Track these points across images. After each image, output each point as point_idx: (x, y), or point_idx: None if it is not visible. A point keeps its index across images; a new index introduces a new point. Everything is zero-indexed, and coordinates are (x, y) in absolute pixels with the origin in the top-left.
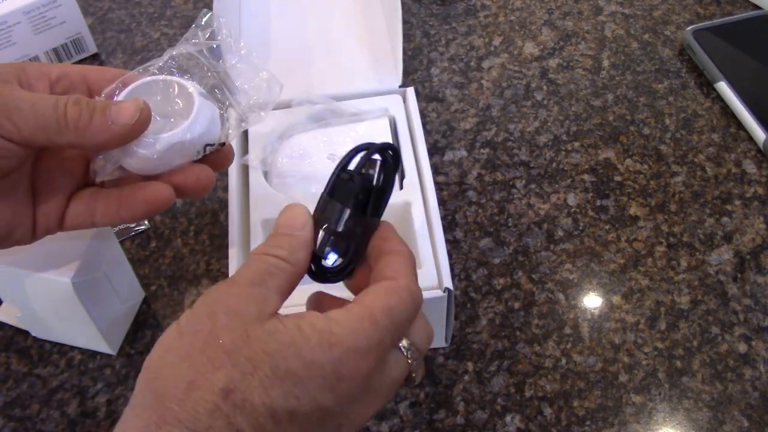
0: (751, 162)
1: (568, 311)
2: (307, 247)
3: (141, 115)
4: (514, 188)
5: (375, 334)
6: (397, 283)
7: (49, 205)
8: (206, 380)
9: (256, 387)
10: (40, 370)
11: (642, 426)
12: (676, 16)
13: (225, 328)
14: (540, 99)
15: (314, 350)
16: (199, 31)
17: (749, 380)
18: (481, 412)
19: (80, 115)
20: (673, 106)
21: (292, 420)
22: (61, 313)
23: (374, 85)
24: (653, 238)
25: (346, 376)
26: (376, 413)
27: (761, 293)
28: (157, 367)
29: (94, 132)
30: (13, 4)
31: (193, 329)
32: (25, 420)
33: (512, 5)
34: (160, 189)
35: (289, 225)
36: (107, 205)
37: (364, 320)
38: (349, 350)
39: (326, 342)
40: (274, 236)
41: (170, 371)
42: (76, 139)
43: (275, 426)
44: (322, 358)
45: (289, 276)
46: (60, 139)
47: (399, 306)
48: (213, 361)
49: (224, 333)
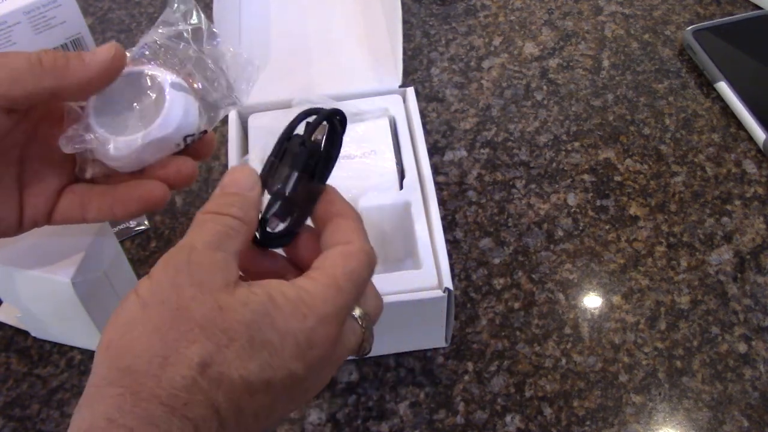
0: (751, 162)
1: (568, 311)
2: (257, 207)
3: (116, 52)
4: (514, 188)
5: (340, 300)
6: (353, 246)
7: (37, 197)
8: (181, 355)
9: (233, 359)
10: (40, 370)
11: (642, 426)
12: (676, 16)
13: (194, 300)
14: (540, 99)
15: (288, 320)
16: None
17: (749, 380)
18: (481, 412)
19: (55, 59)
20: (673, 106)
21: (267, 390)
22: (61, 313)
23: (374, 85)
24: (653, 238)
25: (318, 343)
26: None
27: (761, 293)
28: (124, 342)
29: (74, 71)
30: (13, 4)
31: (158, 300)
32: (25, 420)
33: (512, 5)
34: (154, 187)
35: (237, 184)
36: (101, 202)
37: (330, 287)
38: (320, 318)
39: (299, 311)
40: (222, 195)
41: (140, 346)
42: (55, 82)
43: (250, 397)
44: (295, 328)
45: (245, 237)
46: (38, 86)
47: (359, 269)
48: (186, 335)
49: (194, 305)
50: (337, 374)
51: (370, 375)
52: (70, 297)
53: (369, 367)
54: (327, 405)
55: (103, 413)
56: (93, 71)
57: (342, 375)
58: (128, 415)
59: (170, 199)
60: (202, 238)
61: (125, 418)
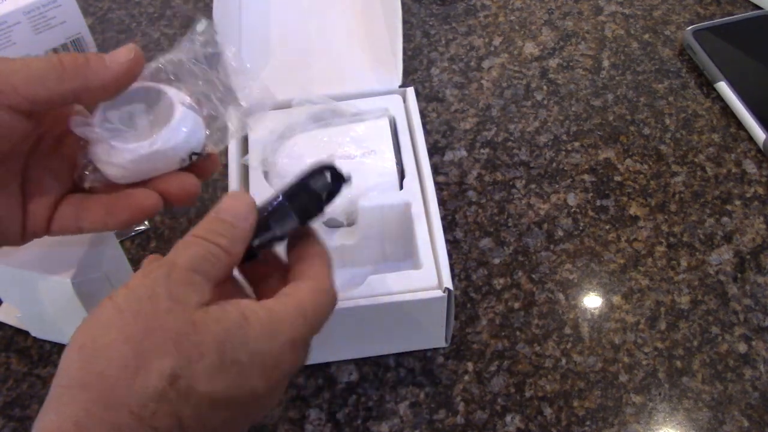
0: (751, 162)
1: (568, 311)
2: (246, 241)
3: (135, 54)
4: (514, 188)
5: (305, 330)
6: (323, 284)
7: (38, 207)
8: (153, 366)
9: (202, 375)
10: (40, 370)
11: (642, 426)
12: (676, 16)
13: (169, 313)
14: (540, 99)
15: (258, 340)
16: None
17: (749, 380)
18: (481, 412)
19: (75, 59)
20: (673, 106)
21: (229, 406)
22: (61, 313)
23: (374, 85)
24: (653, 238)
25: (282, 365)
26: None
27: (761, 293)
28: (98, 346)
29: (95, 72)
30: (13, 4)
31: (134, 310)
32: (25, 420)
33: (512, 5)
34: (145, 196)
35: (232, 212)
36: (94, 212)
37: (299, 315)
38: (287, 342)
39: (268, 332)
40: (215, 221)
41: (113, 353)
42: (77, 83)
43: (212, 412)
44: (264, 348)
45: (226, 268)
46: (61, 88)
47: (325, 307)
48: (159, 347)
49: (169, 318)
50: (337, 374)
51: (370, 375)
52: (70, 297)
53: (369, 367)
54: (327, 405)
55: (72, 417)
56: (114, 72)
57: (342, 375)
58: (97, 422)
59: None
60: (184, 258)
61: (93, 424)
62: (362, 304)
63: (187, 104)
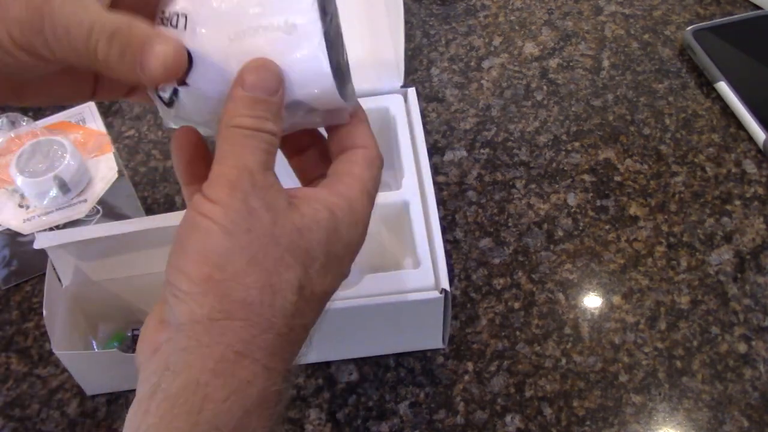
0: (751, 162)
1: (568, 311)
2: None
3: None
4: (514, 188)
5: (371, 206)
6: (373, 151)
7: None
8: (283, 281)
9: (317, 277)
10: (40, 370)
11: (642, 426)
12: (676, 16)
13: (275, 226)
14: (540, 99)
15: (349, 232)
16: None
17: (749, 380)
18: (481, 412)
19: (109, 53)
20: (673, 106)
21: (331, 294)
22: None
23: (376, 85)
24: (653, 238)
25: (361, 245)
26: None
27: (761, 293)
28: (227, 275)
29: (124, 73)
30: None
31: (244, 229)
32: (25, 420)
33: (512, 5)
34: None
35: (262, 87)
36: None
37: (364, 194)
38: (365, 225)
39: (353, 223)
40: (251, 101)
41: (248, 279)
42: (105, 72)
43: (322, 305)
44: (353, 238)
45: (276, 150)
46: (95, 68)
47: (378, 176)
48: (280, 263)
49: (276, 231)
50: (337, 374)
51: (370, 375)
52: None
53: (369, 367)
54: (327, 405)
55: (231, 346)
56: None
57: (342, 375)
58: (254, 348)
59: (170, 198)
60: (251, 159)
61: (252, 351)
62: (358, 304)
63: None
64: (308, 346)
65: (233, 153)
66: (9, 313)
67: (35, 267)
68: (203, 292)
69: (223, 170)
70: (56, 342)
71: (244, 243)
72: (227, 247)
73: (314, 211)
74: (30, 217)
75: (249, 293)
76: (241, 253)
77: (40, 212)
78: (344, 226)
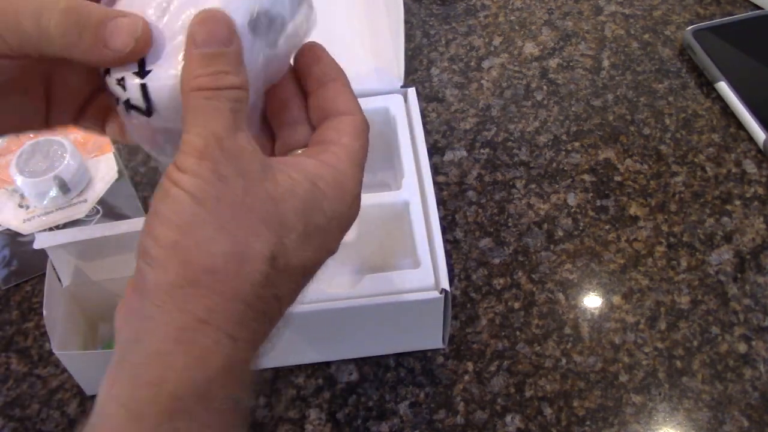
0: (751, 162)
1: (568, 311)
2: (243, 63)
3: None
4: (514, 188)
5: (361, 177)
6: (359, 117)
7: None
8: (253, 251)
9: (293, 249)
10: (40, 370)
11: (642, 426)
12: (676, 16)
13: (247, 193)
14: (540, 99)
15: (332, 203)
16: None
17: (749, 380)
18: (481, 412)
19: (66, 31)
20: (673, 106)
21: (314, 269)
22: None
23: (375, 85)
24: (653, 238)
25: (350, 219)
26: None
27: (761, 293)
28: (193, 243)
29: (84, 51)
30: None
31: (213, 196)
32: (25, 420)
33: (512, 5)
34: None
35: (216, 39)
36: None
37: (354, 165)
38: (354, 198)
39: (340, 195)
40: (205, 57)
41: (214, 246)
42: (66, 54)
43: (303, 279)
44: (337, 209)
45: (246, 105)
46: (50, 52)
47: (366, 143)
48: (252, 231)
49: (249, 199)
50: (337, 374)
51: (370, 375)
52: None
53: (369, 367)
54: (327, 405)
55: (193, 314)
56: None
57: (342, 375)
58: (218, 316)
59: None
60: (220, 123)
61: (216, 318)
62: (358, 304)
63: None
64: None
65: (198, 119)
66: (9, 313)
67: (35, 267)
68: (169, 257)
69: (191, 138)
70: (56, 342)
71: (213, 210)
72: (195, 213)
73: (291, 180)
74: (30, 217)
75: (214, 260)
76: (209, 221)
77: (40, 212)
78: (327, 198)
